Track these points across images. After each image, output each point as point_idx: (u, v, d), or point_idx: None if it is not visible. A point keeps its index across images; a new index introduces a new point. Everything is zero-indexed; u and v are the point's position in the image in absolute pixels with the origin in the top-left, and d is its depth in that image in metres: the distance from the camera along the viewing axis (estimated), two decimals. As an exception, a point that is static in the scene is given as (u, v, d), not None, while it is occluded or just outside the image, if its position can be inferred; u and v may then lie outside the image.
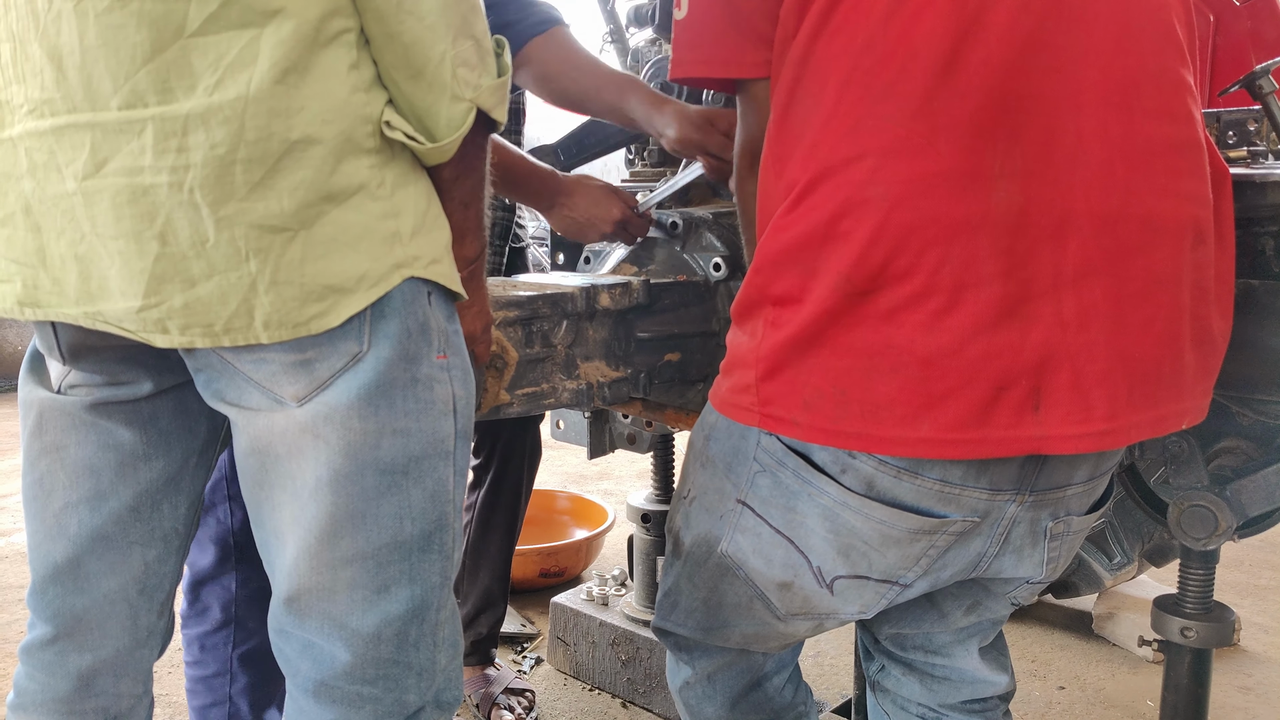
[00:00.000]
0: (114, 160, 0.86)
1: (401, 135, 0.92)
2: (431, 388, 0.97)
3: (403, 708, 1.02)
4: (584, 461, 4.13)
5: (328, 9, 0.87)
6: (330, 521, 0.95)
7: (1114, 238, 0.98)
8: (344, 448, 0.93)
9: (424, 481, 0.98)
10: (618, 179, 1.94)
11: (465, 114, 0.94)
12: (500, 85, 0.97)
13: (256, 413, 0.95)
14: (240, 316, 0.89)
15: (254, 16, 0.84)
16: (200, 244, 0.87)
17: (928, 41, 0.95)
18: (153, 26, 0.83)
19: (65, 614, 1.08)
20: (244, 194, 0.86)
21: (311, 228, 0.88)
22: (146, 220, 0.86)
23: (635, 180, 1.89)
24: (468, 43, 0.93)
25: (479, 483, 2.17)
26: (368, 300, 0.91)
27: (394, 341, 0.94)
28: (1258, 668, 2.38)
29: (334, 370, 0.92)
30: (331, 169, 0.88)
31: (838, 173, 0.98)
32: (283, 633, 1.02)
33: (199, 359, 0.96)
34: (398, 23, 0.89)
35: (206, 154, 0.85)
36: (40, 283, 0.94)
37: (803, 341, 1.00)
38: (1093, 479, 1.10)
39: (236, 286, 0.88)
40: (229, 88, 0.84)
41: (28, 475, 1.08)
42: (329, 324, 0.90)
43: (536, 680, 2.34)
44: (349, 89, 0.89)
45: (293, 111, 0.86)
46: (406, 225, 0.94)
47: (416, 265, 0.95)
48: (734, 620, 1.22)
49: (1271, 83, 1.25)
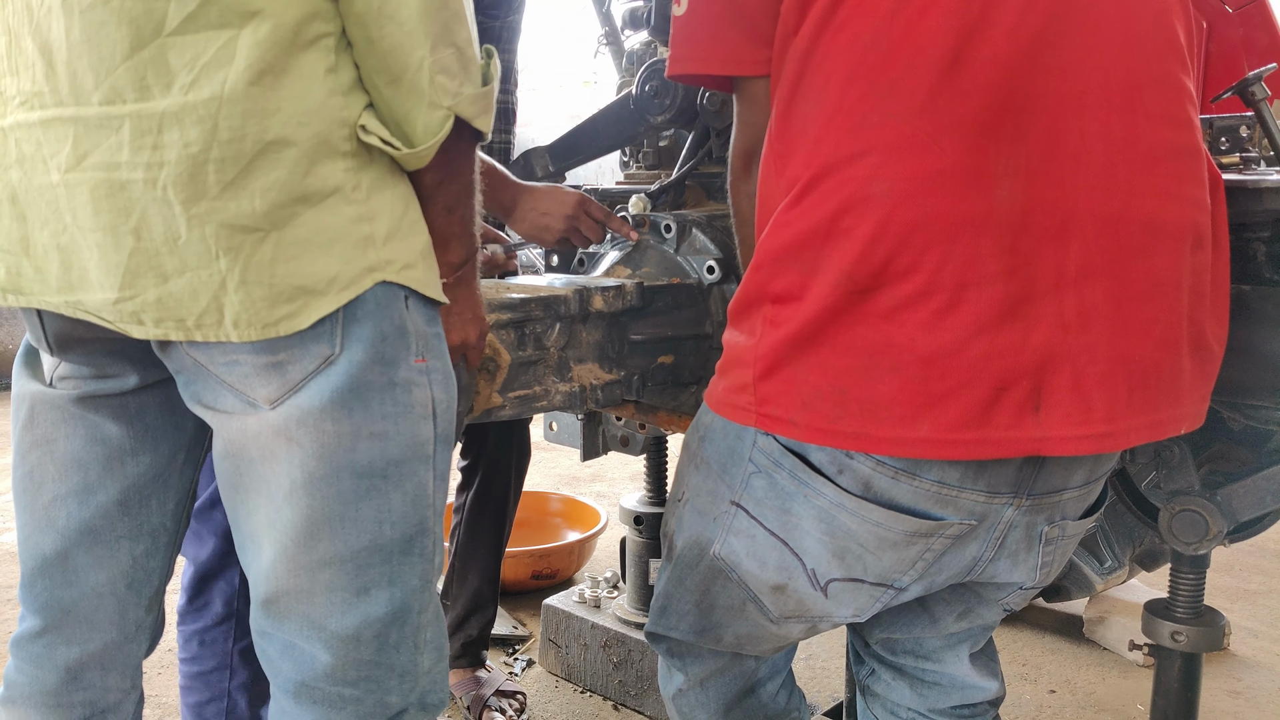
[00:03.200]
0: (94, 154, 0.87)
1: (377, 140, 0.93)
2: (410, 391, 0.97)
3: (385, 708, 1.03)
4: (577, 463, 4.13)
5: (307, 12, 0.88)
6: (307, 524, 0.95)
7: (1115, 239, 0.98)
8: (318, 450, 0.93)
9: (404, 485, 0.98)
10: (612, 181, 1.94)
11: (442, 121, 0.94)
12: (483, 95, 0.96)
13: (230, 416, 0.96)
14: (211, 313, 0.89)
15: (232, 17, 0.85)
16: (173, 240, 0.88)
17: (933, 39, 0.95)
18: (133, 24, 0.84)
19: (53, 606, 1.09)
20: (216, 193, 0.87)
21: (283, 229, 0.89)
22: (122, 215, 0.88)
23: (630, 183, 1.89)
24: (448, 50, 0.93)
25: (467, 484, 2.16)
26: (338, 303, 0.92)
27: (367, 345, 0.94)
28: (1247, 672, 2.39)
29: (306, 373, 0.93)
30: (305, 171, 0.89)
31: (841, 169, 0.98)
32: (264, 634, 1.02)
33: (176, 360, 0.97)
34: (378, 28, 0.89)
35: (180, 152, 0.85)
36: (24, 270, 0.96)
37: (802, 340, 1.00)
38: (1088, 483, 1.10)
39: (207, 284, 0.88)
40: (204, 87, 0.85)
41: (19, 468, 1.09)
42: (298, 325, 0.91)
43: (528, 682, 2.34)
44: (326, 92, 0.90)
45: (268, 113, 0.86)
46: (381, 229, 0.94)
47: (389, 270, 0.95)
48: (726, 623, 1.21)
49: (1264, 89, 1.25)
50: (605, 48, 2.33)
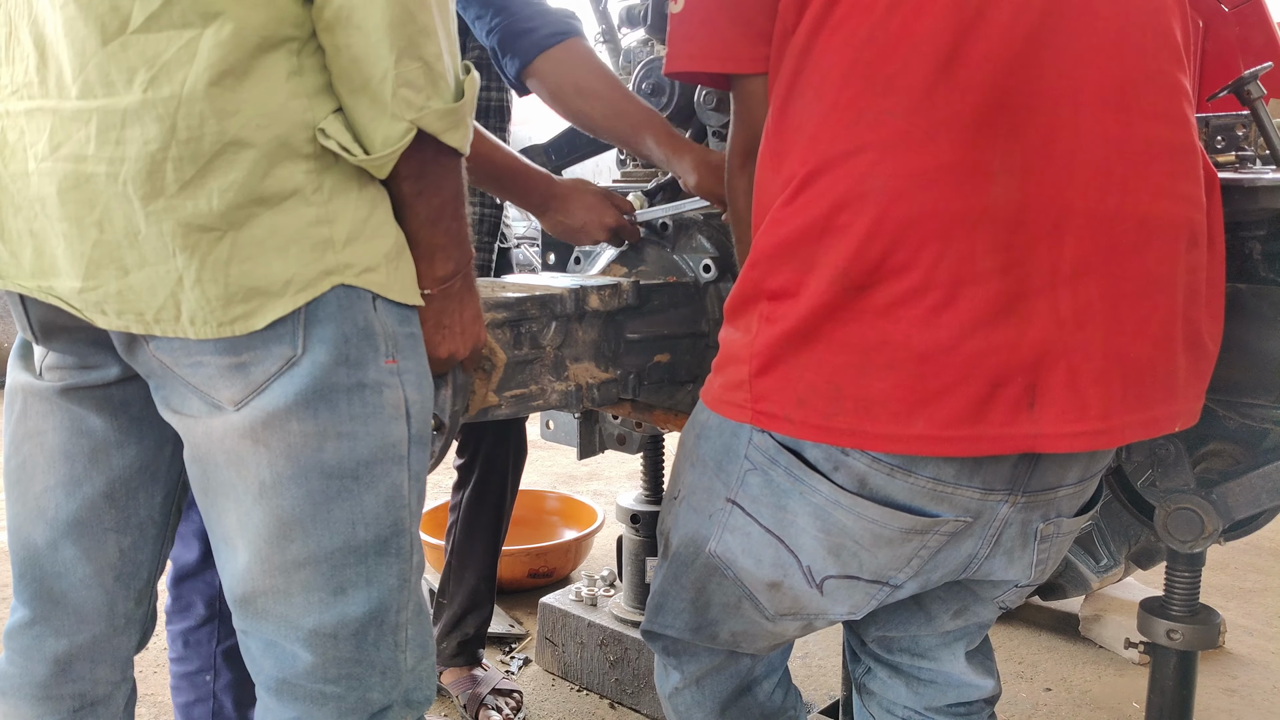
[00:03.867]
0: (65, 146, 0.89)
1: (335, 145, 0.92)
2: (380, 392, 0.97)
3: (367, 705, 1.03)
4: (574, 462, 4.13)
5: (272, 16, 0.88)
6: (278, 525, 0.96)
7: (1110, 237, 0.98)
8: (285, 450, 0.94)
9: (376, 486, 0.98)
10: (609, 179, 1.93)
11: (403, 134, 0.93)
12: (452, 110, 0.95)
13: (196, 420, 0.96)
14: (168, 309, 0.91)
15: (195, 18, 0.86)
16: (133, 235, 0.89)
17: (930, 36, 0.95)
18: (98, 20, 0.86)
19: (42, 597, 1.10)
20: (174, 191, 0.87)
21: (240, 229, 0.89)
22: (87, 206, 0.89)
23: (627, 181, 1.89)
24: (414, 64, 0.92)
25: (463, 482, 2.16)
26: (294, 304, 0.92)
27: (330, 346, 0.94)
28: (1243, 670, 2.39)
29: (269, 374, 0.93)
30: (264, 172, 0.89)
31: (837, 166, 0.98)
32: (245, 632, 1.03)
33: (144, 364, 0.98)
34: (344, 36, 0.90)
35: (140, 149, 0.86)
36: (0, 254, 0.98)
37: (798, 337, 1.00)
38: (1083, 480, 1.10)
39: (164, 280, 0.90)
40: (163, 85, 0.86)
41: (12, 460, 1.10)
42: (254, 325, 0.91)
43: (524, 681, 2.34)
44: (287, 94, 0.90)
45: (227, 114, 0.87)
46: (341, 232, 0.94)
47: (348, 273, 0.94)
48: (722, 620, 1.21)
49: (1259, 88, 1.25)
50: (602, 45, 2.32)
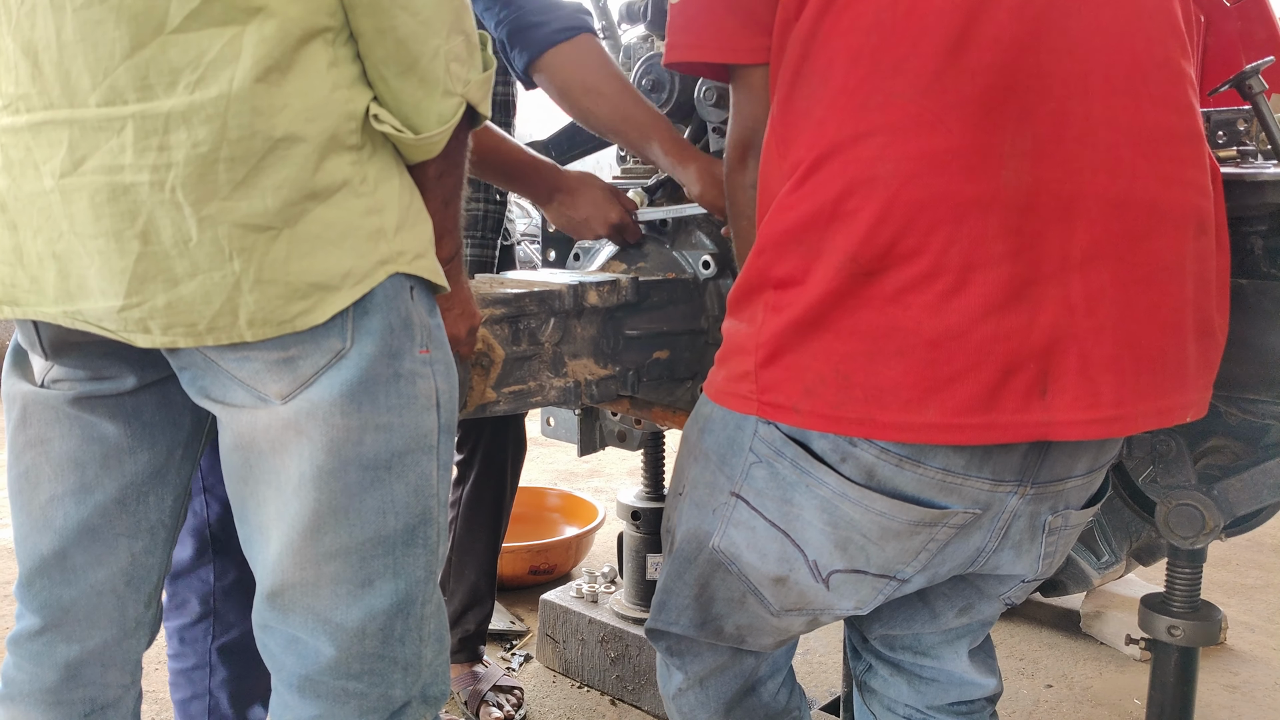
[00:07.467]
0: (93, 158, 0.86)
1: (390, 128, 0.93)
2: (414, 383, 0.97)
3: (388, 702, 1.02)
4: (574, 458, 4.13)
5: (310, 7, 0.87)
6: (314, 517, 0.95)
7: (1121, 222, 0.97)
8: (327, 444, 0.93)
9: (406, 476, 0.98)
10: (609, 176, 1.93)
11: (455, 109, 0.94)
12: (486, 80, 0.98)
13: (241, 409, 0.95)
14: (224, 315, 0.89)
15: (236, 14, 0.84)
16: (183, 243, 0.87)
17: (938, 18, 0.95)
18: (132, 22, 0.83)
19: (53, 605, 1.08)
20: (227, 193, 0.86)
21: (295, 226, 0.88)
22: (127, 219, 0.86)
23: (626, 177, 1.89)
24: (459, 38, 0.93)
25: (463, 478, 2.16)
26: (353, 297, 0.92)
27: (377, 337, 0.94)
28: (1244, 666, 2.39)
29: (318, 367, 0.92)
30: (315, 166, 0.88)
31: (845, 150, 0.97)
32: (267, 628, 1.02)
33: (182, 358, 0.96)
34: (389, 18, 0.89)
35: (189, 153, 0.84)
36: (18, 281, 0.94)
37: (805, 325, 0.98)
38: (1091, 471, 1.10)
39: (220, 286, 0.88)
40: (211, 85, 0.84)
41: (13, 468, 1.08)
42: (314, 320, 0.90)
43: (525, 677, 2.34)
44: (330, 86, 0.89)
45: (275, 109, 0.86)
46: (390, 221, 0.94)
47: (401, 261, 0.95)
48: (726, 615, 1.21)
49: (1261, 82, 1.25)
50: (602, 41, 2.32)
